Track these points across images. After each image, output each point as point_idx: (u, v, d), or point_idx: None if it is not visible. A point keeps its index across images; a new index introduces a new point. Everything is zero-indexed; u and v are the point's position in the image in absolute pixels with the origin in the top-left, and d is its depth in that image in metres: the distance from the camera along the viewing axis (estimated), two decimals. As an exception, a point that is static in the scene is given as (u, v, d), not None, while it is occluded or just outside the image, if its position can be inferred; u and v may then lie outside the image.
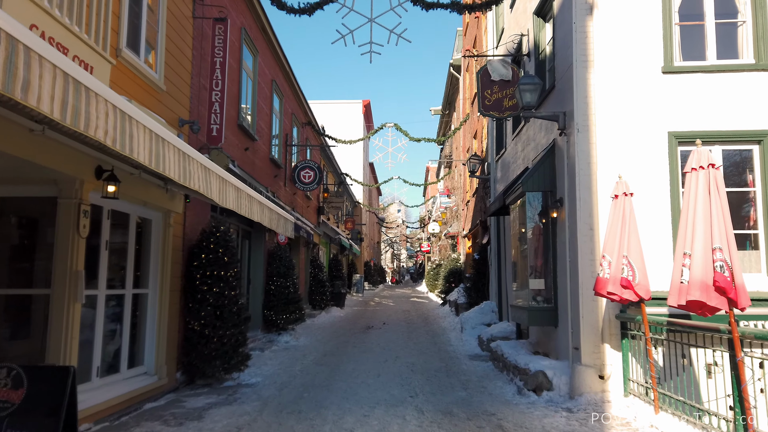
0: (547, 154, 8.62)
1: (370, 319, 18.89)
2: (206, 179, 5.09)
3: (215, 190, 5.09)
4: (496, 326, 12.24)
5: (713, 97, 7.50)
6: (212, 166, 5.30)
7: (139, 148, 4.13)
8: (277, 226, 6.88)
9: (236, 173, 9.95)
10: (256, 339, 11.94)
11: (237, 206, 5.32)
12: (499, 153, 13.87)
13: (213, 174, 5.12)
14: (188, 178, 4.81)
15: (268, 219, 6.34)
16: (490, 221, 14.35)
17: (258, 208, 5.94)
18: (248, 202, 5.57)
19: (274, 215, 6.60)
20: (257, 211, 5.90)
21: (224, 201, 5.06)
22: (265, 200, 6.41)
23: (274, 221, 6.65)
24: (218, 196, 5.12)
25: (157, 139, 4.40)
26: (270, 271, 12.98)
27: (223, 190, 5.03)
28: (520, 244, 9.58)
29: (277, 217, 6.80)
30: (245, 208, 5.50)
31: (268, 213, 6.34)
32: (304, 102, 17.41)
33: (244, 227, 12.32)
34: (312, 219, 20.10)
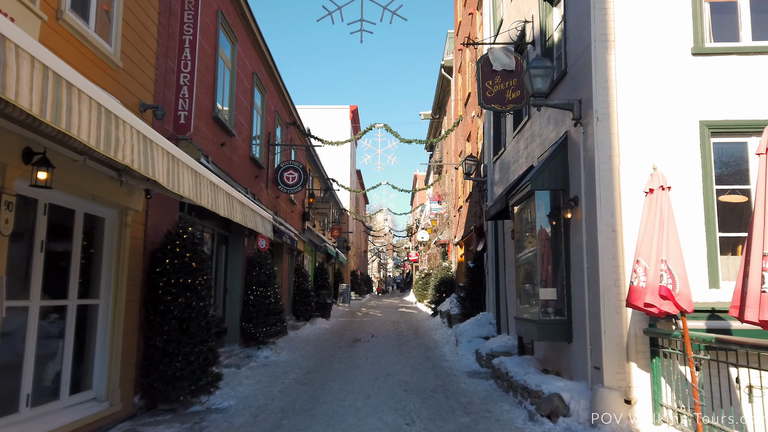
0: (558, 149, 7.70)
1: (358, 331, 17.81)
2: (174, 170, 4.09)
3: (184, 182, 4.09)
4: (496, 340, 11.26)
5: (749, 82, 6.63)
6: (179, 154, 4.31)
7: (81, 125, 3.16)
8: (252, 224, 5.85)
9: (210, 170, 8.89)
10: (232, 354, 10.83)
11: (196, 195, 4.28)
12: (496, 154, 12.96)
13: (180, 163, 4.13)
14: (150, 167, 3.82)
15: (240, 215, 5.31)
16: (487, 226, 13.41)
17: (225, 199, 4.90)
18: (211, 191, 4.54)
19: (247, 211, 5.58)
20: (224, 203, 4.87)
21: (178, 187, 4.04)
22: (236, 193, 5.39)
23: (249, 218, 5.62)
24: (166, 179, 4.10)
25: (107, 115, 3.40)
26: (249, 280, 11.89)
27: (174, 171, 4.00)
28: (526, 249, 8.63)
29: (252, 214, 5.77)
30: (207, 198, 4.46)
31: (239, 207, 5.31)
32: (289, 100, 16.41)
33: (220, 231, 11.24)
34: (296, 225, 19.04)
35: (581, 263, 6.97)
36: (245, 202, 5.61)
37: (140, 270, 6.95)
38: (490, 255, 13.26)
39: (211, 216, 10.39)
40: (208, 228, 10.49)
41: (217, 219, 10.95)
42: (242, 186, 11.65)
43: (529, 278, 8.48)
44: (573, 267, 7.34)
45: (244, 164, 11.87)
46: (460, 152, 20.02)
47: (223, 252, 11.58)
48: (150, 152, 4.07)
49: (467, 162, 13.85)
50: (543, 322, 7.42)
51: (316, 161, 24.57)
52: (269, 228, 6.73)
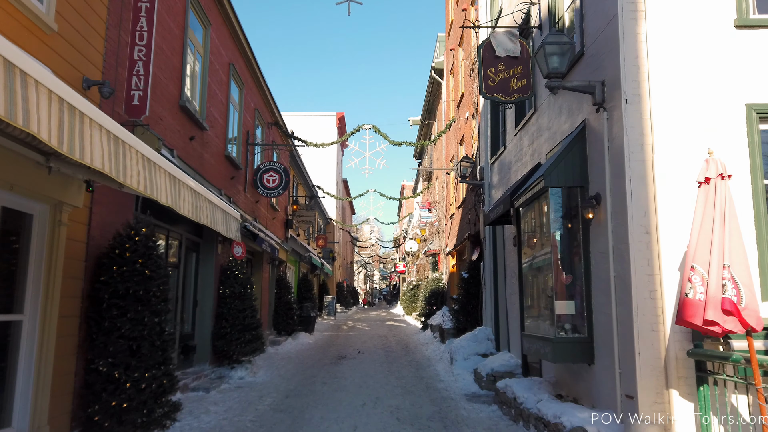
0: (575, 141, 6.68)
1: (343, 346, 16.62)
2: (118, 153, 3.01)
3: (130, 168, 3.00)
4: (496, 358, 10.17)
5: (802, 59, 5.68)
6: (123, 134, 3.22)
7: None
8: (208, 220, 4.72)
9: (175, 165, 7.75)
10: (201, 375, 9.61)
11: (146, 185, 3.17)
12: (495, 155, 11.96)
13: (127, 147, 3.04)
14: (78, 148, 2.76)
15: (190, 206, 4.17)
16: (484, 233, 12.37)
17: (167, 182, 3.77)
18: (146, 170, 3.42)
19: (203, 203, 4.44)
20: (165, 188, 3.73)
21: (124, 175, 2.95)
22: (189, 179, 4.26)
23: (203, 212, 4.49)
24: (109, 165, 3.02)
25: (11, 72, 2.35)
26: (222, 291, 10.70)
27: (118, 155, 2.91)
28: (536, 256, 7.58)
29: (208, 207, 4.64)
30: (133, 175, 3.34)
31: (190, 197, 4.17)
32: (270, 98, 15.32)
33: (190, 236, 10.06)
34: (278, 233, 17.87)
35: (606, 271, 5.93)
36: (200, 190, 4.49)
37: (81, 279, 5.78)
38: (488, 264, 12.21)
39: (181, 220, 9.24)
40: (174, 233, 9.32)
41: (188, 223, 9.79)
42: (215, 187, 10.50)
43: (539, 289, 7.42)
44: (595, 276, 6.30)
45: (218, 163, 10.73)
46: (452, 157, 19.04)
47: (193, 260, 10.40)
48: (81, 128, 2.98)
49: (462, 164, 12.84)
50: (560, 340, 6.34)
51: (301, 167, 23.46)
52: (234, 227, 5.61)
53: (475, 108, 14.37)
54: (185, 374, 9.31)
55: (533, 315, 7.67)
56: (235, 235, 5.65)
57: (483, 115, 12.78)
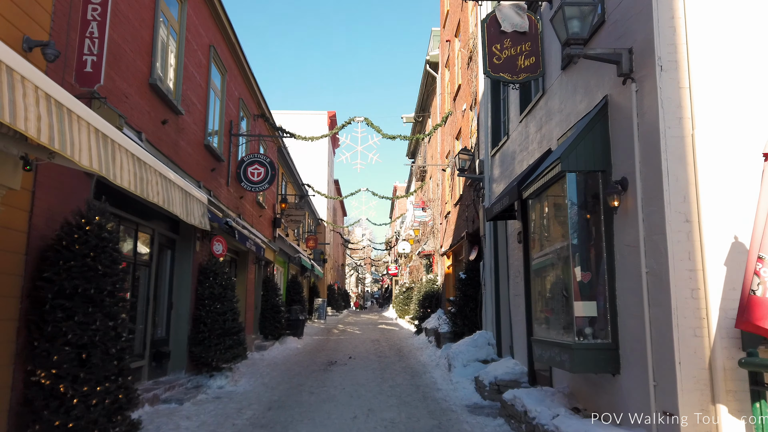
0: (595, 120, 5.88)
1: (334, 351, 15.73)
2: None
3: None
4: (498, 365, 9.34)
5: None
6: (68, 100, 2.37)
7: None
8: (163, 199, 3.85)
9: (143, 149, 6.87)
10: (176, 384, 8.70)
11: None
12: (496, 146, 11.16)
13: None
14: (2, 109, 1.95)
15: (131, 176, 3.29)
16: (484, 231, 11.56)
17: (92, 140, 2.90)
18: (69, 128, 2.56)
19: (151, 175, 3.56)
20: (90, 147, 2.86)
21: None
22: (129, 143, 3.39)
23: (154, 187, 3.61)
24: None
25: None
26: (201, 292, 9.80)
27: None
28: (549, 252, 6.76)
29: (161, 183, 3.76)
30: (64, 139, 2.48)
31: (131, 164, 3.28)
32: (256, 88, 14.44)
33: (164, 232, 9.17)
34: (265, 231, 16.97)
35: (636, 267, 5.11)
36: (147, 160, 3.60)
37: (19, 275, 4.88)
38: (488, 264, 11.39)
39: (154, 213, 8.36)
40: (145, 227, 8.41)
41: (162, 218, 8.91)
42: (193, 178, 9.61)
43: (553, 289, 6.60)
44: (620, 273, 5.49)
45: (196, 152, 9.84)
46: (447, 153, 18.24)
47: (168, 258, 9.49)
48: (10, 83, 2.15)
49: (461, 156, 12.03)
50: (581, 347, 5.51)
51: (290, 165, 22.57)
52: (198, 212, 4.74)
53: (473, 98, 13.58)
54: (157, 384, 8.41)
55: (545, 318, 6.84)
56: (199, 221, 4.78)
57: (482, 104, 11.98)
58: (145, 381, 8.29)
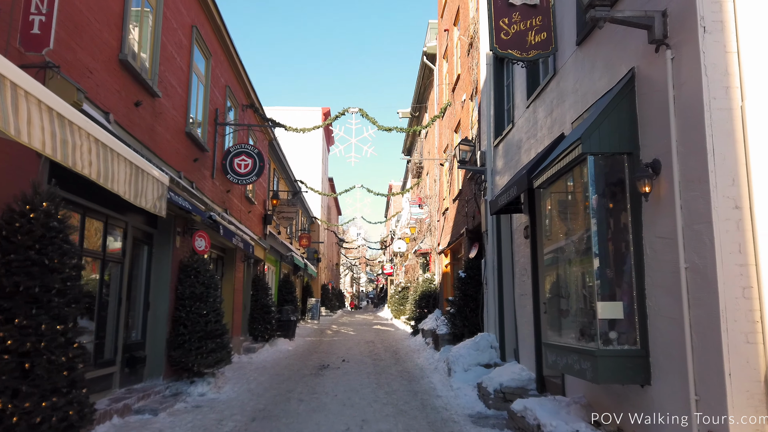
0: (619, 97, 5.17)
1: (326, 353, 14.99)
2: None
3: None
4: (503, 371, 8.64)
5: None
6: None
7: None
8: (99, 173, 3.11)
9: (111, 131, 6.11)
10: (151, 392, 7.95)
11: None
12: (499, 136, 10.46)
13: None
14: None
15: (48, 135, 2.53)
16: (487, 226, 10.85)
17: None
18: None
19: (80, 139, 2.79)
20: None
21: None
22: (50, 96, 2.65)
23: (85, 157, 2.87)
24: None
25: None
26: (181, 292, 9.04)
27: None
28: (564, 247, 6.05)
29: (99, 152, 3.01)
30: None
31: (49, 124, 2.53)
32: (245, 76, 13.68)
33: (139, 226, 8.41)
34: (255, 228, 16.21)
35: (671, 263, 4.41)
36: (76, 120, 2.84)
37: (-52, 271, 4.13)
38: (490, 262, 10.68)
39: (128, 206, 7.61)
40: (116, 219, 7.65)
41: (137, 210, 8.15)
42: (172, 167, 8.85)
43: (568, 287, 5.89)
44: (651, 269, 4.79)
45: (176, 140, 9.08)
46: (445, 147, 17.53)
47: (145, 254, 8.74)
48: None
49: (461, 147, 11.32)
50: (606, 354, 4.80)
51: (282, 160, 21.82)
52: (153, 193, 4.00)
53: (473, 88, 12.88)
54: (130, 392, 7.65)
55: (560, 320, 6.13)
56: (153, 204, 4.05)
57: (484, 92, 11.28)
58: (116, 389, 7.54)
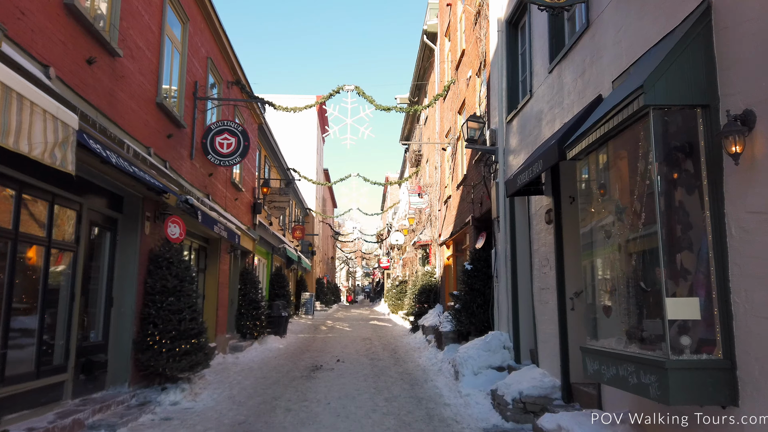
0: (687, 38, 4.01)
1: (320, 352, 13.86)
2: None
3: None
4: (520, 376, 7.53)
5: None
6: None
7: None
8: None
9: (51, 89, 4.91)
10: (113, 402, 6.80)
11: None
12: (513, 110, 9.31)
13: None
14: None
15: None
16: (499, 212, 9.70)
17: None
18: None
19: None
20: None
21: None
22: None
23: None
24: None
25: None
26: (151, 286, 7.88)
27: None
28: (610, 226, 4.90)
29: None
30: None
31: None
32: (230, 49, 12.46)
33: (99, 209, 7.23)
34: (243, 218, 15.03)
35: (776, 244, 3.28)
36: None
37: None
38: (502, 252, 9.55)
39: (84, 185, 6.43)
40: (68, 200, 6.47)
41: (97, 191, 6.98)
42: (140, 142, 7.66)
43: (615, 279, 4.74)
44: (738, 253, 3.65)
45: (143, 110, 7.88)
46: (448, 131, 16.37)
47: (107, 242, 7.56)
48: None
49: (469, 124, 10.15)
50: (680, 366, 3.65)
51: (274, 147, 20.62)
52: (42, 136, 2.78)
53: (481, 62, 11.71)
54: (85, 403, 6.50)
55: (604, 320, 4.99)
56: (48, 154, 2.87)
57: (495, 63, 10.11)
58: (67, 401, 6.38)
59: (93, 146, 5.09)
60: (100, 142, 5.54)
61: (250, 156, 16.24)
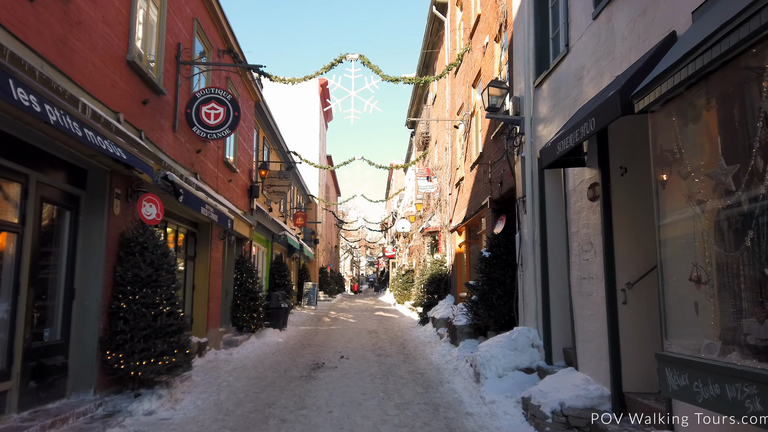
0: None
1: (322, 347, 12.72)
2: None
3: None
4: (557, 380, 6.35)
5: None
6: None
7: None
8: None
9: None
10: (71, 414, 5.65)
11: None
12: (543, 72, 8.06)
13: None
14: None
15: None
16: (526, 190, 8.44)
17: None
18: None
19: None
20: None
21: None
22: None
23: None
24: None
25: None
26: (121, 275, 6.70)
27: None
28: (701, 192, 3.68)
29: None
30: None
31: None
32: (221, 14, 11.21)
33: (54, 183, 6.04)
34: (239, 201, 13.85)
35: None
36: None
37: None
38: (529, 236, 8.34)
39: (32, 153, 5.26)
40: (10, 172, 5.28)
41: (52, 161, 5.80)
42: (104, 105, 6.45)
43: (720, 267, 3.53)
44: None
45: (109, 67, 6.66)
46: (460, 108, 15.09)
47: (67, 224, 6.38)
48: None
49: (491, 91, 8.89)
50: None
51: (273, 128, 19.38)
52: None
53: (500, 23, 10.43)
54: (35, 415, 5.35)
55: (685, 317, 3.79)
56: None
57: (519, 21, 8.82)
58: (11, 414, 5.23)
59: (18, 94, 3.90)
60: (36, 92, 4.34)
61: (247, 135, 15.02)
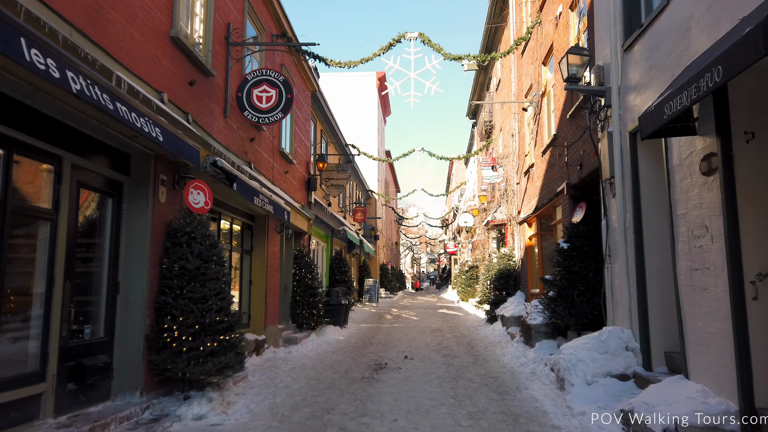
0: None
1: (384, 345, 12.01)
2: None
3: None
4: (665, 391, 5.31)
5: None
6: None
7: None
8: None
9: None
10: (113, 419, 5.16)
11: None
12: (635, 31, 6.97)
13: None
14: None
15: None
16: (614, 170, 7.35)
17: None
18: None
19: None
20: None
21: None
22: None
23: None
24: None
25: None
26: (168, 268, 6.21)
27: None
28: None
29: None
30: None
31: None
32: (274, -5, 10.69)
33: (94, 168, 5.58)
34: (297, 194, 13.36)
35: None
36: None
37: None
38: (620, 223, 7.26)
39: (65, 132, 4.79)
40: (39, 154, 4.82)
41: (88, 143, 5.33)
42: (146, 83, 5.95)
43: None
44: None
45: (151, 43, 6.16)
46: (528, 89, 13.99)
47: (110, 212, 5.93)
48: None
49: (570, 59, 7.83)
50: None
51: (331, 120, 18.87)
52: None
53: (578, -12, 9.32)
54: (73, 420, 4.89)
55: None
56: None
57: (603, -22, 7.72)
58: (47, 419, 4.78)
59: (32, 55, 3.35)
60: (56, 56, 3.80)
61: (303, 126, 14.52)
